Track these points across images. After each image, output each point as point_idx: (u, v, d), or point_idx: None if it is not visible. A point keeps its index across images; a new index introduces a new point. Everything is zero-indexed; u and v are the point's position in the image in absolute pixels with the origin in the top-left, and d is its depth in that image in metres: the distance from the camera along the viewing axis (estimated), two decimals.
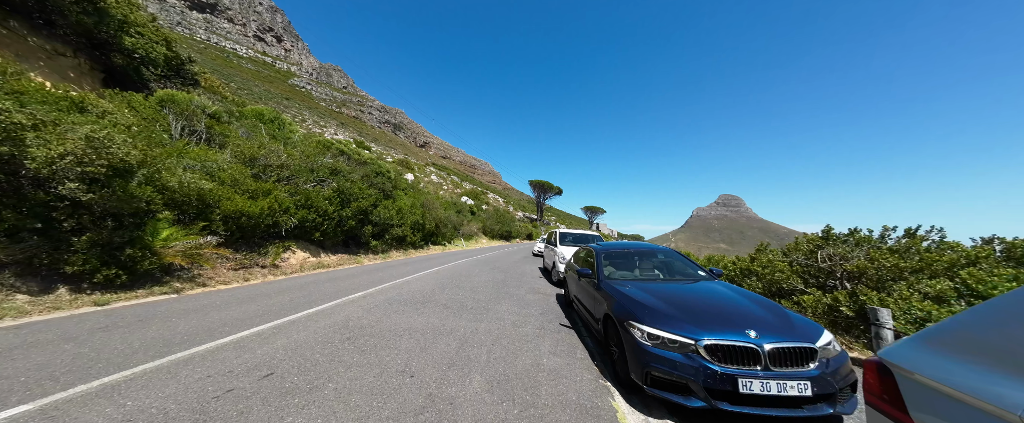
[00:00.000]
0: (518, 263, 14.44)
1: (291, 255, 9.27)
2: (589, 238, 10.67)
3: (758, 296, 3.57)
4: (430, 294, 6.64)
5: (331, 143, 12.70)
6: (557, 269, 8.97)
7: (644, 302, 3.32)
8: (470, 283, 8.26)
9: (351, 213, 11.22)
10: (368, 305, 5.48)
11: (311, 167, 10.58)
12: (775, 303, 3.36)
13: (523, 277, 10.05)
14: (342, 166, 11.69)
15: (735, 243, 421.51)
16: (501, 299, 6.60)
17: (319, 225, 9.91)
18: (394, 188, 15.64)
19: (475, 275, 9.74)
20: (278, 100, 71.88)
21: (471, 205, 38.28)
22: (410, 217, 16.18)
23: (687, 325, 2.81)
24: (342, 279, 7.94)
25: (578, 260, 6.00)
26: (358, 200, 11.42)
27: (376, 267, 10.57)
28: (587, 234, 10.82)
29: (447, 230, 22.75)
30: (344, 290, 6.62)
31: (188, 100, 8.92)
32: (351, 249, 12.45)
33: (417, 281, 8.13)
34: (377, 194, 13.24)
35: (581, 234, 10.86)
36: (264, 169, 9.10)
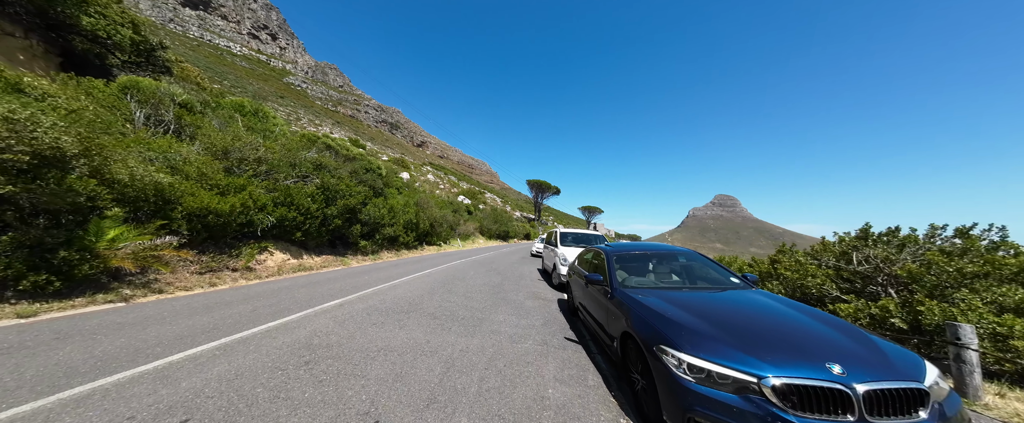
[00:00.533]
0: (516, 264, 13.72)
1: (268, 257, 8.49)
2: (592, 238, 9.98)
3: (819, 311, 2.88)
4: (417, 301, 5.89)
5: (317, 137, 11.92)
6: (558, 272, 8.27)
7: (676, 319, 2.61)
8: (464, 287, 7.53)
9: (337, 211, 10.45)
10: (343, 316, 4.74)
11: (293, 162, 9.80)
12: (847, 322, 2.66)
13: (521, 280, 9.34)
14: (328, 161, 10.91)
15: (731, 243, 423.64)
16: (497, 306, 5.88)
17: (301, 224, 9.14)
18: (386, 186, 14.86)
19: (470, 278, 9.01)
20: (273, 98, 70.63)
21: (468, 204, 37.52)
22: (403, 216, 15.41)
23: (741, 353, 2.11)
24: (322, 283, 7.18)
25: (584, 263, 5.30)
26: (345, 198, 10.65)
27: (363, 269, 9.82)
28: (590, 234, 10.13)
29: (443, 230, 21.99)
30: (320, 297, 5.86)
31: (154, 87, 8.12)
32: (338, 250, 11.67)
33: (405, 285, 7.38)
34: (367, 191, 12.47)
35: (583, 234, 10.15)
36: (239, 163, 8.32)
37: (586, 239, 9.88)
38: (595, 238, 9.96)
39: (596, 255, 4.79)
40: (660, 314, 2.73)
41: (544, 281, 9.58)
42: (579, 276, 5.14)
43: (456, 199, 38.65)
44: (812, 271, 5.07)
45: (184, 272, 6.50)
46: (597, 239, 9.95)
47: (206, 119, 9.25)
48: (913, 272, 4.19)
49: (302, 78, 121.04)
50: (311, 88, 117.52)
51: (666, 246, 4.71)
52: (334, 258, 10.83)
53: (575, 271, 5.66)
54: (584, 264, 5.36)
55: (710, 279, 3.88)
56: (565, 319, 5.41)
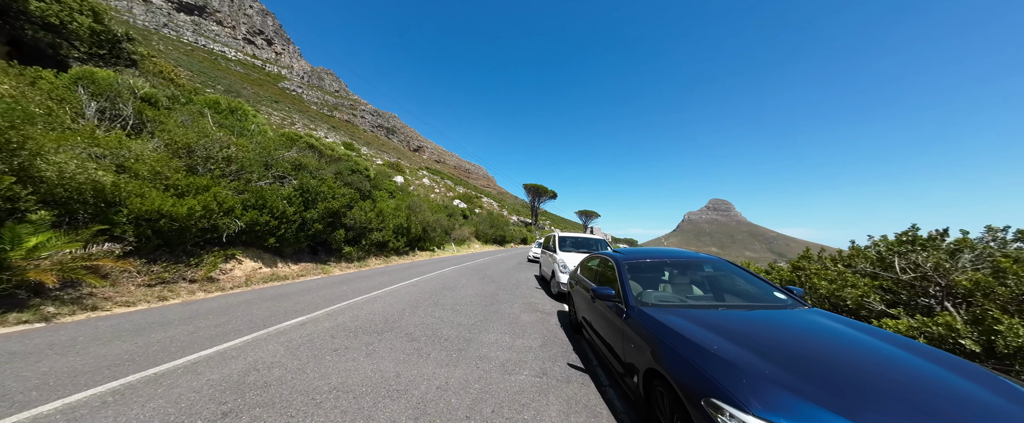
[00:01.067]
0: (512, 271, 12.94)
1: (235, 266, 7.64)
2: (593, 243, 9.25)
3: (913, 341, 2.16)
4: (396, 317, 5.10)
5: (299, 136, 11.14)
6: (557, 279, 7.51)
7: (726, 355, 1.88)
8: (452, 298, 6.74)
9: (318, 215, 9.64)
10: (300, 339, 3.94)
11: (268, 162, 9.01)
12: (964, 359, 1.94)
13: (517, 288, 8.57)
14: (309, 161, 10.12)
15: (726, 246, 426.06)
16: (489, 323, 5.10)
17: (274, 229, 8.32)
18: (375, 188, 14.07)
19: (461, 287, 8.22)
20: (268, 103, 69.84)
21: (463, 208, 36.74)
22: (393, 220, 14.60)
23: (840, 416, 1.39)
24: (292, 296, 6.36)
25: (589, 272, 4.56)
26: (327, 200, 9.85)
27: (345, 278, 8.98)
28: (590, 238, 9.40)
29: (436, 234, 21.17)
30: (283, 313, 5.05)
31: (111, 79, 7.34)
32: (320, 257, 10.82)
33: (386, 297, 6.58)
34: (352, 194, 11.68)
35: (583, 238, 9.42)
36: (204, 162, 7.51)
37: (587, 244, 9.15)
38: (596, 243, 9.24)
39: (604, 263, 4.05)
40: (701, 347, 1.99)
41: (542, 289, 8.81)
42: (583, 287, 4.40)
43: (452, 203, 37.87)
44: (851, 280, 4.39)
45: (128, 285, 5.64)
46: (598, 244, 9.23)
47: (172, 115, 8.46)
48: (981, 282, 3.53)
49: (298, 83, 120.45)
50: (307, 93, 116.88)
51: (685, 252, 3.99)
52: (314, 266, 9.98)
53: (577, 280, 4.92)
54: (588, 273, 4.62)
55: (747, 294, 3.15)
56: (567, 337, 4.65)
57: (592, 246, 9.06)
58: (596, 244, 9.18)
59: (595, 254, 4.78)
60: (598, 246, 9.11)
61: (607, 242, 9.30)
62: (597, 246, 9.11)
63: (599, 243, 9.25)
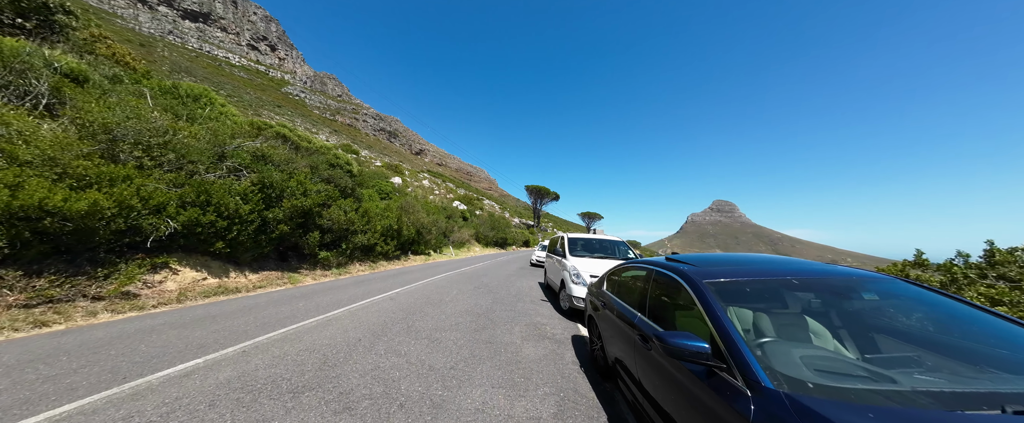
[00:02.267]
0: (513, 277, 11.35)
1: (167, 277, 6.14)
2: (610, 246, 7.63)
3: None
4: (341, 357, 3.53)
5: (268, 125, 9.71)
6: (569, 292, 5.93)
7: None
8: (434, 319, 5.18)
9: (284, 215, 8.16)
10: (152, 412, 2.39)
11: (221, 152, 7.56)
12: None
13: (518, 302, 6.99)
14: (275, 152, 8.66)
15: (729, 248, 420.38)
16: (476, 363, 3.53)
17: (223, 231, 6.83)
18: (359, 186, 12.61)
19: (449, 300, 6.66)
20: (270, 107, 69.41)
21: (463, 210, 35.25)
22: (381, 221, 13.10)
23: None
24: (223, 318, 4.83)
25: (624, 291, 3.00)
26: (295, 197, 8.36)
27: (312, 290, 7.46)
28: (607, 239, 7.78)
29: (432, 237, 19.65)
30: (180, 350, 3.51)
31: (15, 49, 5.96)
32: (290, 263, 9.32)
33: (347, 319, 5.02)
34: (330, 191, 10.21)
35: (599, 240, 7.81)
36: (131, 148, 6.06)
37: (603, 247, 7.54)
38: (615, 245, 7.62)
39: (657, 281, 2.45)
40: None
41: (548, 302, 7.22)
42: (617, 314, 2.84)
43: (451, 205, 36.42)
44: None
45: None
46: (616, 246, 7.62)
47: (108, 98, 7.07)
48: None
49: (300, 88, 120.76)
50: (309, 98, 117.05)
51: (809, 264, 2.32)
52: (280, 275, 8.47)
53: (603, 301, 3.37)
54: (622, 292, 3.05)
55: (998, 359, 1.53)
56: (593, 388, 3.06)
57: (609, 249, 7.45)
58: (613, 247, 7.56)
59: (631, 264, 3.20)
60: (616, 249, 7.50)
61: (627, 245, 7.68)
62: (615, 249, 7.50)
63: (617, 246, 7.63)
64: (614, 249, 7.49)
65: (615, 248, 7.53)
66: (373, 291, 7.48)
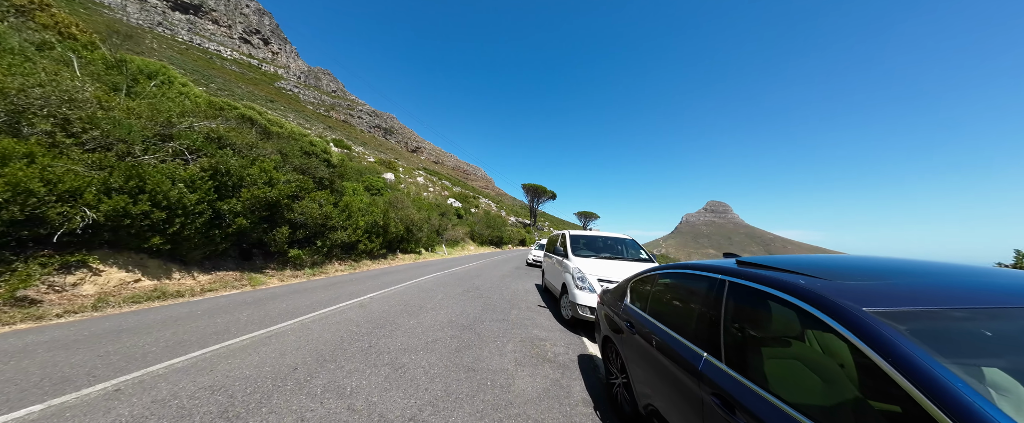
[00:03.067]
0: (507, 278, 10.36)
1: (86, 278, 5.04)
2: (616, 244, 6.64)
3: None
4: (257, 399, 2.48)
5: (231, 105, 8.55)
6: (573, 298, 4.94)
7: None
8: (406, 334, 4.16)
9: (243, 207, 7.06)
10: None
11: (167, 132, 6.44)
12: None
13: (513, 308, 5.99)
14: (232, 134, 7.54)
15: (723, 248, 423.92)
16: (452, 403, 2.52)
17: (161, 224, 5.73)
18: (339, 177, 11.52)
19: (431, 307, 5.64)
20: (262, 102, 67.67)
21: (458, 208, 34.16)
22: (364, 217, 12.02)
23: None
24: (130, 334, 3.76)
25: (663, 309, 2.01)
26: (256, 187, 7.27)
27: (273, 293, 6.38)
28: (616, 238, 6.79)
29: (423, 235, 18.58)
30: (41, 384, 2.46)
31: None
32: (253, 262, 8.22)
33: (291, 335, 3.97)
34: (303, 182, 9.11)
35: (605, 238, 6.80)
36: (44, 121, 4.94)
37: (610, 246, 6.54)
38: (622, 244, 6.63)
39: (746, 304, 1.46)
40: None
41: (547, 308, 6.23)
42: (656, 345, 1.86)
43: (445, 202, 35.30)
44: None
45: None
46: (626, 245, 6.63)
47: (30, 65, 5.90)
48: None
49: (294, 83, 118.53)
50: (303, 93, 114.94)
51: (988, 271, 1.37)
52: (238, 275, 7.37)
53: (627, 319, 2.39)
54: (667, 312, 2.07)
55: None
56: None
57: (616, 249, 6.47)
58: (621, 245, 6.57)
59: (678, 270, 2.19)
60: (625, 249, 6.52)
61: (637, 243, 6.69)
62: (623, 248, 6.51)
63: (625, 244, 6.64)
64: (622, 248, 6.51)
65: (623, 247, 6.54)
66: (344, 295, 6.42)
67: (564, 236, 6.78)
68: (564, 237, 6.72)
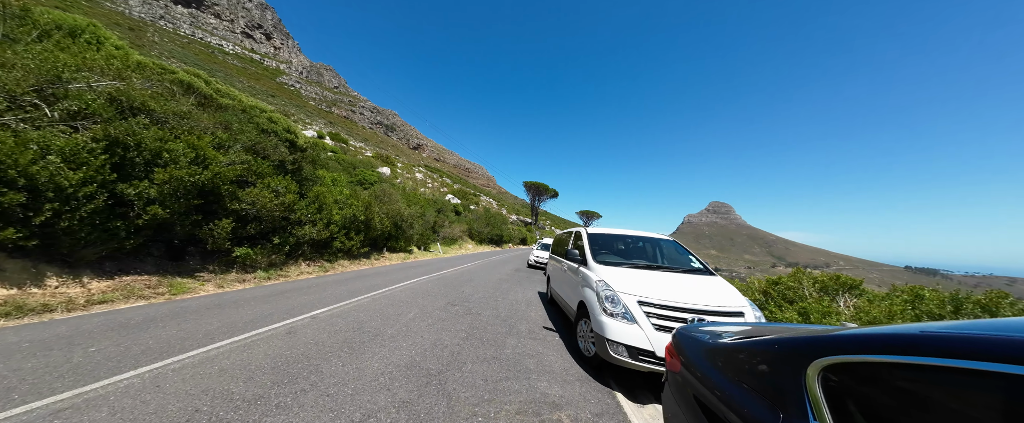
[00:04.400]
0: (505, 284, 8.64)
1: None
2: (659, 249, 4.83)
3: None
4: None
5: (166, 68, 6.84)
6: (600, 330, 3.19)
7: None
8: (319, 402, 2.46)
9: (159, 192, 5.38)
10: None
11: (52, 90, 4.76)
12: None
13: (509, 333, 4.26)
14: (148, 98, 5.83)
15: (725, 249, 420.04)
16: None
17: (18, 211, 4.06)
18: (312, 163, 9.82)
19: (390, 336, 3.93)
20: (263, 97, 66.55)
21: (456, 204, 32.48)
22: (341, 211, 10.34)
23: None
24: None
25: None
26: (179, 167, 5.58)
27: (177, 310, 4.69)
28: (652, 239, 4.99)
29: (415, 232, 16.91)
30: None
31: None
32: (184, 264, 6.54)
33: (101, 409, 2.28)
34: (256, 164, 7.42)
35: (636, 238, 5.03)
36: None
37: (646, 251, 4.75)
38: (665, 249, 4.84)
39: None
40: None
41: (557, 333, 4.51)
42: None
43: (443, 198, 33.62)
44: None
45: None
46: (669, 251, 4.84)
47: None
48: None
49: (296, 78, 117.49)
50: (305, 88, 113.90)
51: None
52: (156, 281, 5.68)
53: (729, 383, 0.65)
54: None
55: None
56: None
57: (653, 255, 4.69)
58: (660, 250, 4.78)
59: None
60: (669, 255, 4.70)
61: (677, 244, 4.91)
62: (665, 255, 4.71)
63: (669, 248, 4.84)
64: (661, 253, 4.71)
65: (662, 252, 4.74)
66: (280, 312, 4.72)
67: (578, 235, 5.02)
68: (578, 236, 4.96)
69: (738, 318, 3.03)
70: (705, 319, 2.94)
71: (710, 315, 2.99)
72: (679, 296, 3.14)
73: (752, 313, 3.11)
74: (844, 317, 4.34)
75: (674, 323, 2.96)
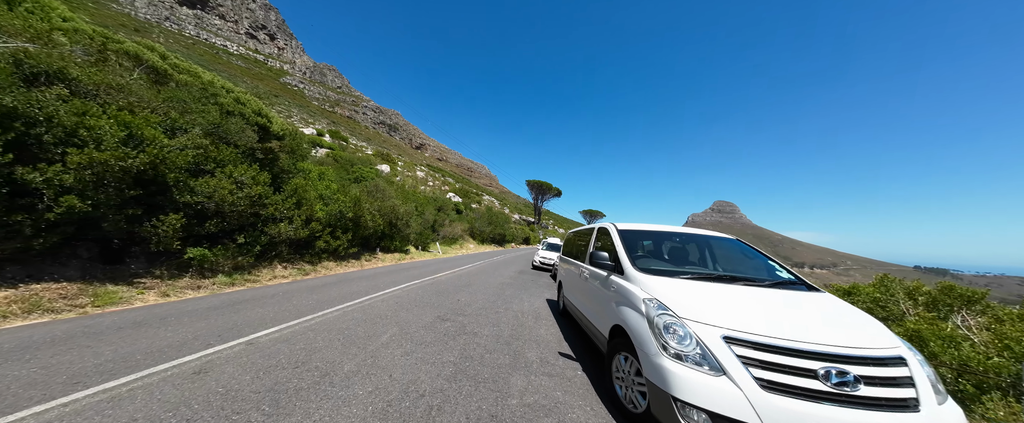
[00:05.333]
0: (508, 289, 7.46)
1: None
2: (720, 251, 3.59)
3: None
4: None
5: (108, 36, 5.73)
6: (659, 376, 1.98)
7: None
8: None
9: (76, 180, 4.29)
10: None
11: None
12: None
13: (515, 364, 3.08)
14: (69, 65, 4.70)
15: None
16: None
17: None
18: (290, 153, 8.71)
19: (344, 374, 2.77)
20: (267, 97, 66.19)
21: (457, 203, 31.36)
22: (323, 208, 9.23)
23: None
24: None
25: None
26: (103, 149, 4.47)
27: (75, 332, 3.58)
28: (705, 236, 3.74)
29: (412, 231, 15.80)
30: None
31: None
32: (124, 267, 5.43)
33: None
34: (219, 151, 6.31)
35: (683, 236, 3.79)
36: None
37: (703, 255, 3.54)
38: (716, 245, 3.63)
39: None
40: None
41: (577, 361, 3.32)
42: None
43: (444, 196, 32.53)
44: None
45: None
46: (736, 253, 3.59)
47: None
48: None
49: (299, 78, 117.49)
50: (308, 88, 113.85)
51: None
52: (80, 289, 4.57)
53: None
54: None
55: None
56: None
57: (705, 258, 3.47)
58: (714, 250, 3.55)
59: None
60: (736, 260, 3.45)
61: (747, 245, 3.65)
62: (730, 259, 3.47)
63: (735, 250, 3.58)
64: (730, 259, 3.46)
65: (731, 257, 3.49)
66: (207, 336, 3.57)
67: (605, 232, 3.81)
68: (606, 234, 3.75)
69: (898, 370, 1.81)
70: (848, 372, 1.73)
71: (854, 364, 1.78)
72: (792, 330, 1.93)
73: (914, 360, 1.89)
74: (978, 344, 3.11)
75: (794, 377, 1.76)
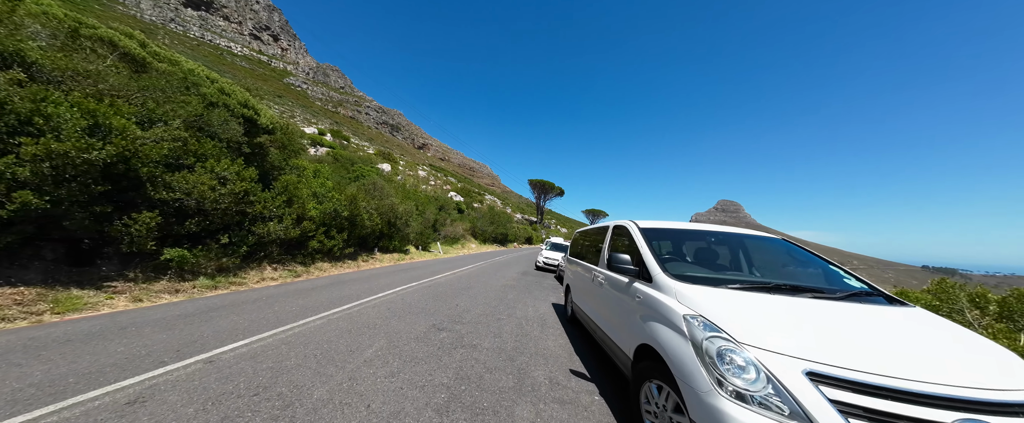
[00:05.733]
0: (511, 292, 6.95)
1: None
2: (766, 254, 3.02)
3: None
4: None
5: (69, 18, 5.28)
6: (715, 416, 1.46)
7: None
8: None
9: (32, 174, 3.84)
10: None
11: None
12: None
13: (519, 388, 2.57)
14: (21, 44, 4.24)
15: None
16: None
17: None
18: (281, 148, 8.25)
19: (314, 407, 2.28)
20: (270, 97, 66.29)
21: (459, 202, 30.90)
22: (316, 206, 8.77)
23: None
24: None
25: None
26: (61, 137, 4.02)
27: (24, 343, 3.12)
28: (742, 234, 3.20)
29: (412, 230, 15.34)
30: None
31: None
32: (93, 270, 4.99)
33: None
34: (194, 143, 5.86)
35: (718, 235, 3.26)
36: None
37: (732, 255, 3.01)
38: (755, 247, 3.10)
39: None
40: None
41: (593, 382, 2.80)
42: None
43: (446, 196, 32.08)
44: None
45: None
46: (785, 256, 3.05)
47: None
48: None
49: (303, 79, 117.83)
50: (311, 89, 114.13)
51: None
52: (38, 293, 4.12)
53: None
54: None
55: None
56: None
57: (748, 263, 2.94)
58: (755, 254, 3.00)
59: None
60: (784, 263, 2.90)
61: (806, 250, 3.08)
62: (771, 262, 2.93)
63: (776, 251, 3.02)
64: (780, 264, 2.91)
65: (782, 261, 2.94)
66: (163, 350, 3.10)
67: (624, 230, 3.29)
68: (624, 233, 3.23)
69: None
70: None
71: (997, 413, 1.26)
72: (905, 364, 1.40)
73: None
74: None
75: None
